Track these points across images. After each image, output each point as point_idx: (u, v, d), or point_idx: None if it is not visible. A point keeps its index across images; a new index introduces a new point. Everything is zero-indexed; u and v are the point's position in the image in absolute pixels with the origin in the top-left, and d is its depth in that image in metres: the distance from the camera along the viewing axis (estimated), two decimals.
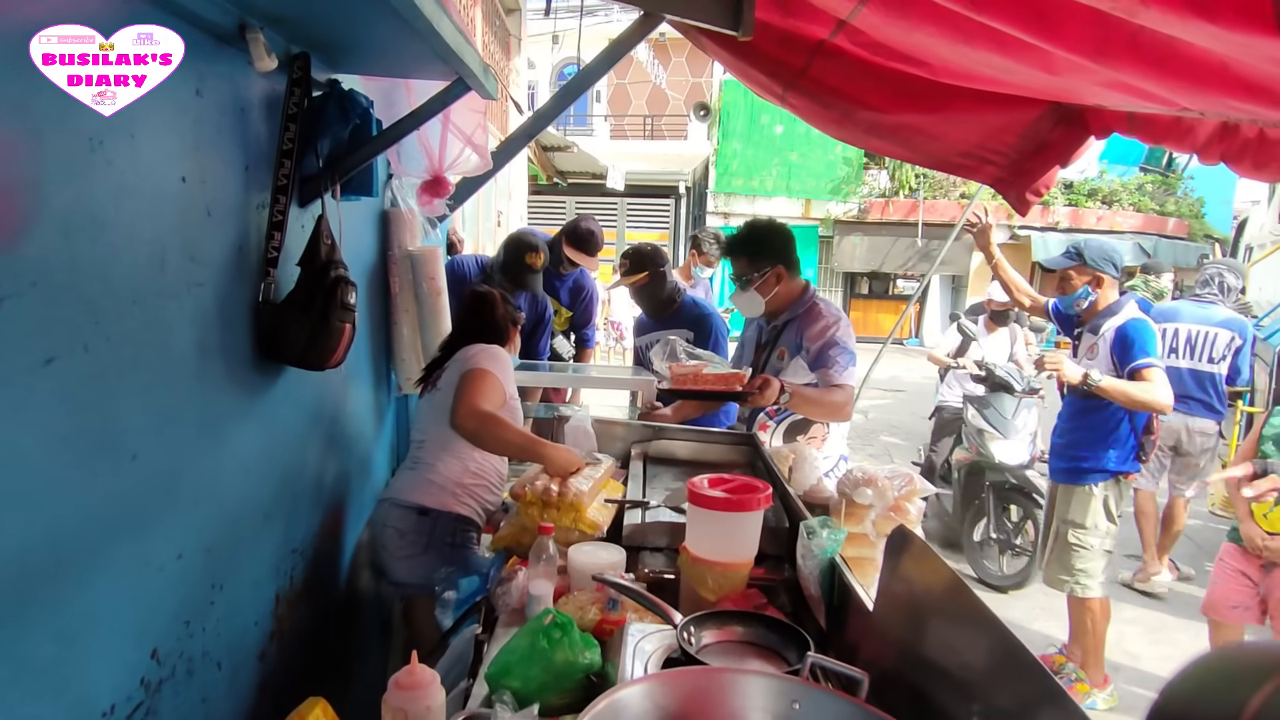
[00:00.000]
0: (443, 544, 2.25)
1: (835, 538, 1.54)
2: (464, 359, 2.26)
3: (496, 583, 1.75)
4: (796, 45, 2.85)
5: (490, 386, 2.16)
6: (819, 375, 2.50)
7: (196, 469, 1.49)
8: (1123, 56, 1.62)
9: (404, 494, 2.28)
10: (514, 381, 2.34)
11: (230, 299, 1.59)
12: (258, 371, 1.73)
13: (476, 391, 2.11)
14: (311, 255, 1.77)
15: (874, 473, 1.75)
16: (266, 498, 1.81)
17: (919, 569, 1.21)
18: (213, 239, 1.52)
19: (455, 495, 2.28)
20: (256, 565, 1.78)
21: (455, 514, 2.27)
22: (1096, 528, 3.11)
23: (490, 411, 2.08)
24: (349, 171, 1.95)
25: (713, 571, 1.63)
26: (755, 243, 2.64)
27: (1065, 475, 3.21)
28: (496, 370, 2.22)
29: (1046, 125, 2.85)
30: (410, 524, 2.24)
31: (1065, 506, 3.19)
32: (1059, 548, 3.19)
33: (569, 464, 2.04)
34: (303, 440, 2.03)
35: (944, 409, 5.24)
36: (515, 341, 2.53)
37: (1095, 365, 3.06)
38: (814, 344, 2.52)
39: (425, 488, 2.27)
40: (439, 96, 1.94)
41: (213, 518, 1.56)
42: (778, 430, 2.68)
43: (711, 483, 1.72)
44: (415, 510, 2.24)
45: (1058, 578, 3.20)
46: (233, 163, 1.58)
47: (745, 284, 2.62)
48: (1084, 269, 3.18)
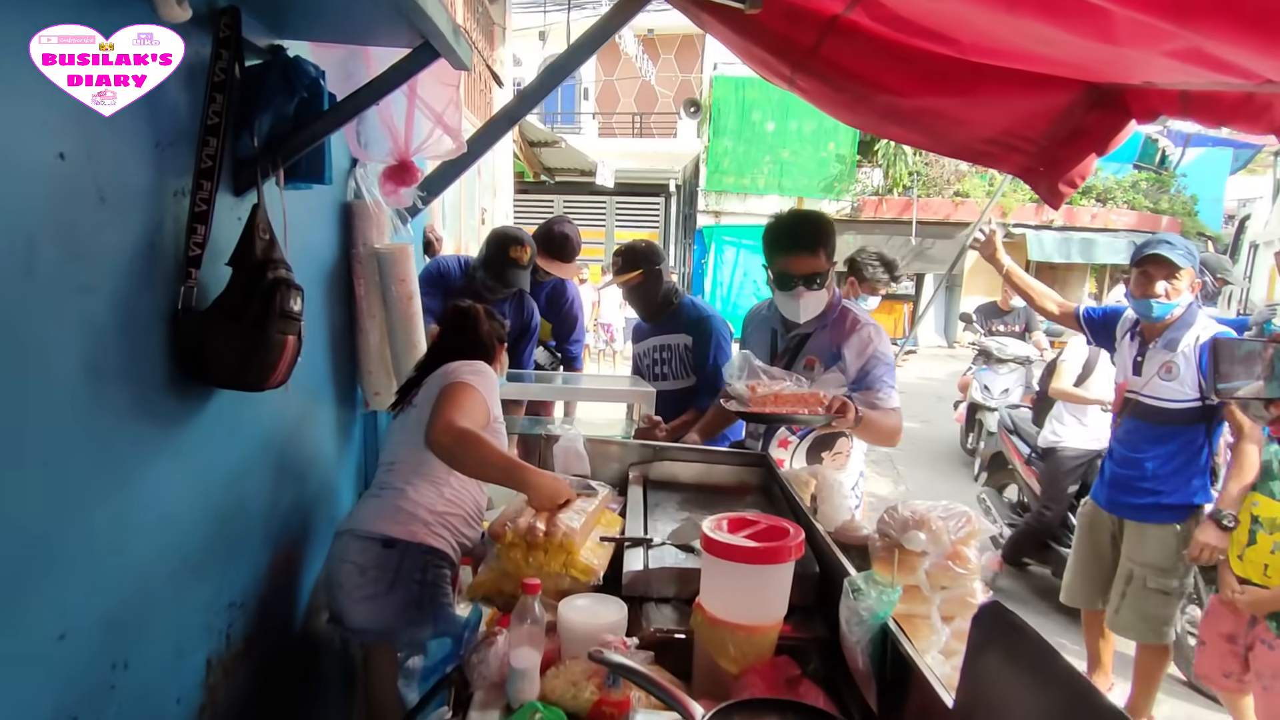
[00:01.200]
0: (411, 581, 1.92)
1: (888, 599, 1.25)
2: (445, 373, 2.00)
3: (472, 647, 1.45)
4: (806, 21, 2.57)
5: (472, 402, 1.89)
6: (863, 396, 2.22)
7: (87, 523, 1.18)
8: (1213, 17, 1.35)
9: (366, 523, 1.96)
10: (499, 401, 2.06)
11: (135, 308, 1.28)
12: (177, 396, 1.42)
13: (456, 406, 1.84)
14: (244, 253, 1.46)
15: (924, 511, 1.46)
16: (192, 547, 1.50)
17: (1021, 661, 0.92)
18: (107, 232, 1.21)
19: (427, 524, 1.96)
20: (178, 629, 1.46)
21: (426, 546, 1.95)
22: (1177, 569, 2.76)
23: (469, 428, 1.79)
24: (295, 153, 1.64)
25: (734, 637, 1.33)
26: (829, 234, 2.33)
27: (1138, 512, 2.84)
28: (481, 386, 1.96)
29: (1081, 109, 2.58)
30: (373, 558, 1.91)
31: (1140, 547, 2.83)
32: (1135, 594, 2.83)
33: (557, 495, 1.74)
34: (242, 473, 1.71)
35: (1062, 452, 4.20)
36: (502, 360, 2.28)
37: (1172, 384, 2.72)
38: (858, 359, 2.28)
39: (392, 515, 1.95)
40: (402, 65, 1.63)
41: (112, 581, 1.25)
42: (800, 447, 2.41)
43: (732, 525, 1.43)
44: (379, 542, 1.92)
45: (1134, 627, 2.84)
46: (137, 138, 1.27)
47: (822, 281, 2.28)
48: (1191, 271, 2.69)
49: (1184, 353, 2.70)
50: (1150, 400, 2.78)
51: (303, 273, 1.61)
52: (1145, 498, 2.81)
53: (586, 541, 1.71)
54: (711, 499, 2.14)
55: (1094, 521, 3.07)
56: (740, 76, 14.69)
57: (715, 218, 15.40)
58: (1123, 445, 2.90)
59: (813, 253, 2.28)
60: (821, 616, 1.57)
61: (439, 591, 1.95)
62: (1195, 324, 2.73)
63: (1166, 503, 2.77)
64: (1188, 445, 2.74)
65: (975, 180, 14.70)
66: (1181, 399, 2.71)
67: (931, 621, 1.42)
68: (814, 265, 2.27)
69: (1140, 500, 2.82)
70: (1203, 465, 2.73)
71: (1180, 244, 2.76)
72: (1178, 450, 2.74)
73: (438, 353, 2.16)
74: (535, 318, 3.44)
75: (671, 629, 1.50)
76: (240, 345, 1.42)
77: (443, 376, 1.99)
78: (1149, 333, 2.82)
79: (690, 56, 17.71)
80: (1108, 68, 2.26)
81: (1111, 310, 3.11)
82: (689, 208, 16.35)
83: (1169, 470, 2.74)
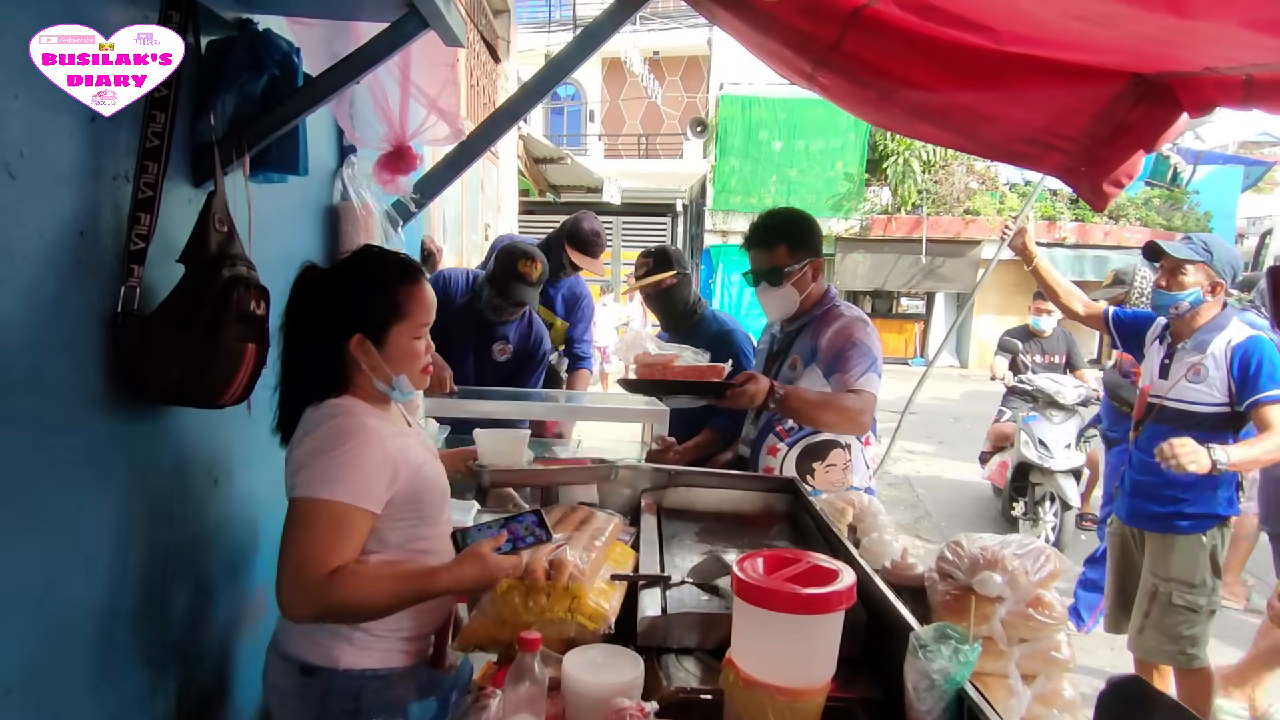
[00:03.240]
0: (343, 713, 1.36)
1: (965, 658, 1.02)
2: (295, 456, 1.32)
3: (460, 712, 1.22)
4: (827, 15, 2.40)
5: (326, 529, 1.25)
6: (833, 381, 2.13)
7: None
8: None
9: (286, 639, 1.40)
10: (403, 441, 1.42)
11: (60, 307, 1.08)
12: (112, 413, 1.20)
13: (303, 551, 1.24)
14: (197, 248, 1.26)
15: (996, 548, 1.23)
16: (130, 592, 1.28)
17: None
18: (20, 215, 1.01)
19: (352, 641, 1.36)
20: (114, 692, 1.23)
21: (356, 670, 1.36)
22: (1204, 584, 2.59)
23: (328, 582, 1.23)
24: (263, 138, 1.44)
25: (775, 702, 1.11)
26: (795, 230, 2.25)
27: (1160, 523, 2.69)
28: (344, 476, 1.28)
29: (1126, 104, 2.39)
30: (292, 686, 1.38)
31: (1164, 561, 2.66)
32: (1160, 611, 2.65)
33: (490, 578, 1.32)
34: (196, 505, 1.49)
35: None
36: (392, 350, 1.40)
37: (1200, 387, 2.58)
38: (830, 346, 2.16)
39: (307, 633, 1.36)
40: (384, 36, 1.44)
41: (23, 639, 1.02)
42: (790, 454, 2.25)
43: (768, 564, 1.20)
44: (297, 667, 1.37)
45: (1161, 648, 2.65)
46: (62, 106, 1.07)
47: (780, 278, 2.20)
48: (1206, 268, 2.62)
49: (1214, 355, 2.59)
50: (1175, 404, 2.68)
51: (279, 279, 1.39)
52: (1168, 506, 2.66)
53: (595, 581, 1.48)
54: (734, 529, 1.92)
55: (1121, 538, 2.91)
56: (747, 95, 14.64)
57: (722, 237, 15.26)
58: (1143, 452, 2.74)
59: (768, 248, 2.23)
60: (870, 671, 1.34)
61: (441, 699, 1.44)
62: (1228, 327, 2.62)
63: (1190, 511, 2.62)
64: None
65: (985, 198, 14.55)
66: (1209, 403, 2.59)
67: (1010, 682, 1.18)
68: (770, 261, 2.22)
69: (1163, 509, 2.68)
70: (1229, 474, 2.55)
71: (1196, 240, 2.70)
72: None
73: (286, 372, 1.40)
74: (545, 344, 3.19)
75: (696, 688, 1.27)
76: (190, 353, 1.21)
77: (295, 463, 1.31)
78: (1178, 335, 2.72)
79: (696, 77, 17.71)
80: (1166, 51, 2.08)
81: (1143, 315, 3.02)
82: (696, 227, 16.24)
83: (1193, 478, 2.53)
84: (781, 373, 2.27)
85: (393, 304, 1.36)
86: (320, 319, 1.33)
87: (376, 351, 1.35)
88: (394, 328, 1.37)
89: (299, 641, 1.36)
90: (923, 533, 5.26)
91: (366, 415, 1.34)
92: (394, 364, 1.37)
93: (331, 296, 1.34)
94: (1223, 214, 15.73)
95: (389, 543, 1.36)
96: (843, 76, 2.70)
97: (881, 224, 14.88)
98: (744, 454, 2.41)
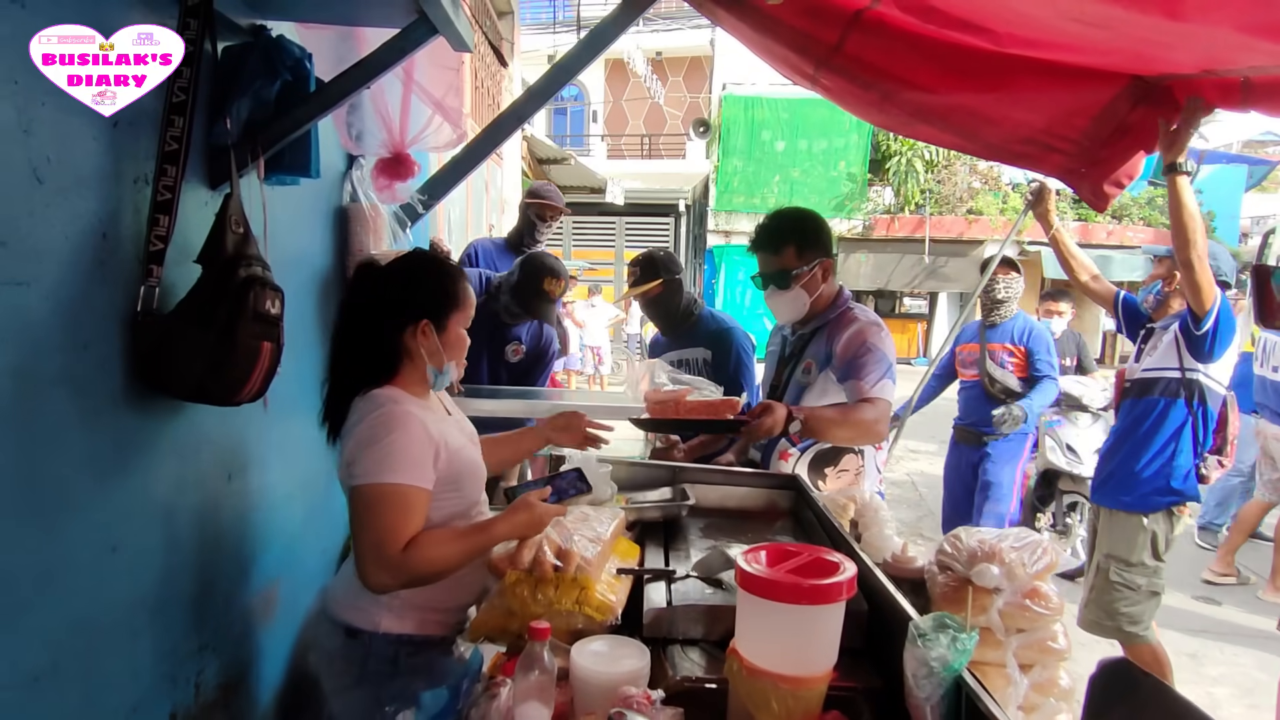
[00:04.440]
0: (380, 675, 1.50)
1: (962, 647, 1.05)
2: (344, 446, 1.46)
3: (471, 700, 1.25)
4: (829, 16, 2.43)
5: (393, 510, 1.38)
6: (848, 388, 2.12)
7: (14, 553, 0.99)
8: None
9: (334, 605, 1.54)
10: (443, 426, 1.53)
11: (83, 307, 1.11)
12: (134, 409, 1.24)
13: (377, 532, 1.37)
14: (214, 248, 1.29)
15: (994, 540, 1.26)
16: (150, 583, 1.31)
17: None
18: (46, 218, 1.04)
19: (391, 609, 1.50)
20: (134, 682, 1.27)
21: (394, 635, 1.50)
22: (1142, 564, 2.68)
23: (405, 554, 1.36)
24: (277, 141, 1.48)
25: (778, 690, 1.14)
26: (802, 231, 2.21)
27: (1110, 495, 2.82)
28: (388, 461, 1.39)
29: (1125, 106, 2.42)
30: (338, 648, 1.52)
31: (1106, 537, 2.78)
32: (1100, 586, 2.75)
33: (540, 521, 1.44)
34: (213, 499, 1.53)
35: None
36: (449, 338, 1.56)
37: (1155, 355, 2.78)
38: (844, 351, 2.14)
39: (353, 599, 1.50)
40: (395, 42, 1.47)
41: (50, 626, 1.06)
42: (801, 460, 2.25)
43: (771, 556, 1.23)
44: (343, 630, 1.51)
45: (1100, 623, 2.75)
46: (86, 112, 1.10)
47: (788, 281, 2.17)
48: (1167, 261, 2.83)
49: (1174, 330, 2.75)
50: (1139, 376, 2.84)
51: (291, 279, 1.45)
52: (1118, 478, 2.80)
53: (602, 574, 1.51)
54: (738, 525, 1.95)
55: (1091, 522, 3.05)
56: (749, 96, 14.66)
57: (725, 237, 15.29)
58: (1112, 432, 2.95)
59: (775, 251, 2.19)
60: (871, 661, 1.37)
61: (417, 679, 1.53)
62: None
63: (1138, 489, 2.74)
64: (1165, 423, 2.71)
65: (988, 198, 14.55)
66: (1162, 365, 2.76)
67: (1007, 671, 1.21)
68: (778, 263, 2.19)
69: (1113, 482, 2.82)
70: (1180, 459, 2.69)
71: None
72: (1153, 426, 2.73)
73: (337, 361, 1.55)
74: (554, 345, 3.19)
75: (701, 678, 1.30)
76: (208, 351, 1.25)
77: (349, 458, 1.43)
78: (1155, 316, 2.92)
79: (699, 78, 17.73)
80: (1164, 53, 2.10)
81: None
82: (699, 227, 16.26)
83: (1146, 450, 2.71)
84: (795, 377, 2.26)
85: (453, 294, 1.55)
86: (389, 306, 1.48)
87: (437, 337, 1.51)
88: (453, 316, 1.55)
89: (345, 608, 1.51)
90: (925, 531, 5.28)
91: (409, 404, 1.46)
92: (449, 350, 1.55)
93: (403, 286, 1.50)
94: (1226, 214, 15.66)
95: (433, 521, 1.47)
96: (844, 78, 2.73)
97: (884, 224, 14.89)
98: (754, 458, 2.40)
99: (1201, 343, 2.61)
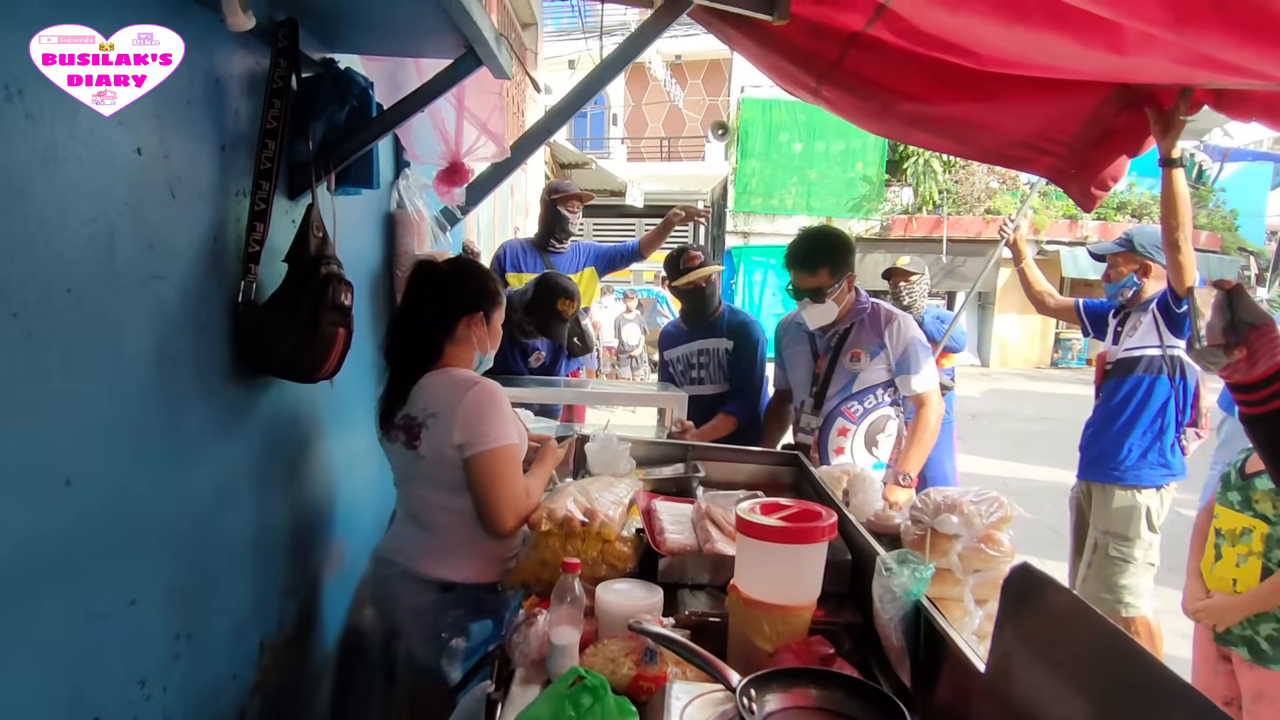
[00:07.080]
0: (464, 618, 1.74)
1: (920, 576, 1.27)
2: (450, 420, 1.71)
3: (512, 629, 1.49)
4: (829, 36, 2.64)
5: (516, 465, 1.76)
6: (901, 381, 2.53)
7: (157, 497, 1.25)
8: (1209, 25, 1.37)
9: (421, 565, 1.80)
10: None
11: (202, 298, 1.37)
12: (238, 384, 1.49)
13: (514, 484, 1.74)
14: (299, 250, 1.55)
15: (956, 496, 1.48)
16: (248, 529, 1.57)
17: (1055, 620, 0.94)
18: (178, 225, 1.29)
19: (484, 559, 1.82)
20: (236, 609, 1.53)
21: (484, 584, 1.82)
22: (1139, 538, 2.83)
23: (529, 505, 1.75)
24: (345, 159, 1.73)
25: (769, 617, 1.36)
26: (835, 252, 2.56)
27: (1101, 471, 2.95)
28: (506, 426, 1.75)
29: (1111, 111, 2.60)
30: (430, 602, 1.77)
31: (1103, 514, 2.91)
32: (1099, 562, 2.89)
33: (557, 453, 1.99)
34: (294, 461, 1.79)
35: None
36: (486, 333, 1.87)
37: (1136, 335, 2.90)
38: (897, 345, 2.53)
39: (443, 559, 1.79)
40: (445, 73, 1.72)
41: (178, 555, 1.31)
42: (857, 432, 2.57)
43: (764, 508, 1.46)
44: (437, 586, 1.78)
45: (1098, 596, 2.88)
46: (205, 139, 1.36)
47: (823, 296, 2.51)
48: (1132, 256, 2.99)
49: (1153, 309, 2.89)
50: (1121, 356, 2.97)
51: (353, 277, 1.68)
52: (1109, 455, 2.92)
53: (621, 531, 1.75)
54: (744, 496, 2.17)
55: (1077, 499, 3.14)
56: (767, 98, 14.81)
57: (744, 238, 15.46)
58: (1095, 410, 3.06)
59: (811, 272, 2.52)
60: (854, 603, 1.59)
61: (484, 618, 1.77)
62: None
63: (1132, 465, 2.87)
64: (1151, 399, 2.84)
65: (1006, 197, 14.58)
66: (1143, 344, 2.90)
67: (965, 604, 1.43)
68: (814, 282, 2.52)
69: (1105, 459, 2.94)
70: (1168, 434, 2.82)
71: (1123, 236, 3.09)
72: (1140, 404, 2.85)
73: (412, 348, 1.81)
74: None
75: (705, 612, 1.53)
76: (295, 336, 1.50)
77: (450, 427, 1.70)
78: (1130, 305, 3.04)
79: (718, 80, 17.92)
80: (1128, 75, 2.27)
81: (1107, 304, 3.27)
82: (717, 229, 16.44)
83: (1135, 427, 2.85)
84: (841, 364, 2.57)
85: (496, 293, 1.87)
86: (452, 299, 1.80)
87: (484, 327, 1.84)
88: (495, 311, 1.87)
89: (436, 565, 1.80)
90: None
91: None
92: (491, 338, 1.88)
93: (462, 283, 1.83)
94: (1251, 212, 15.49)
95: None
96: (845, 90, 2.95)
97: (902, 224, 14.96)
98: (805, 442, 2.63)
99: (1182, 320, 2.75)
